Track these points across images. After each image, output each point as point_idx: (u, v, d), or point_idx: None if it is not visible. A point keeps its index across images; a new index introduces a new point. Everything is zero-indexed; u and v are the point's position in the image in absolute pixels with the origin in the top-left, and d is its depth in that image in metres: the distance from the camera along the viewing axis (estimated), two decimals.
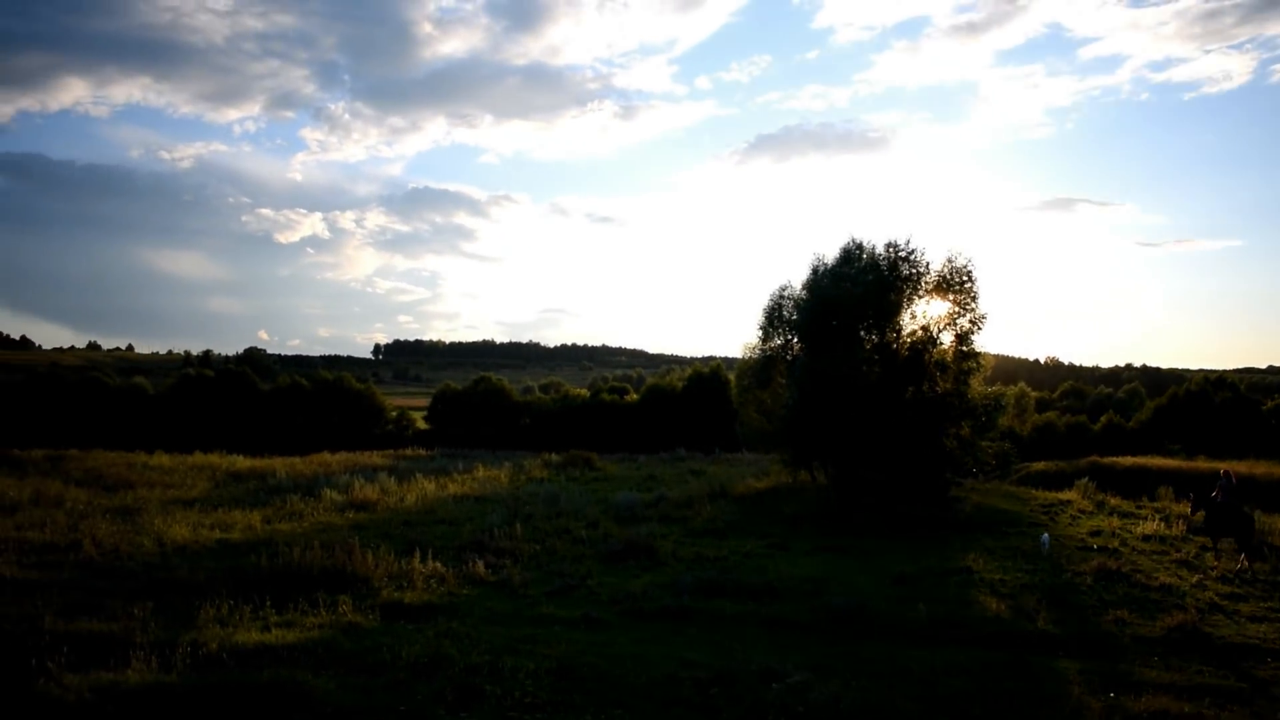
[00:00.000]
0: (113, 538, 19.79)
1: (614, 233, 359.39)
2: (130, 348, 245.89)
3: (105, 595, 14.91)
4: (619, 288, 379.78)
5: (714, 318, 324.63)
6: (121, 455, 39.03)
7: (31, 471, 32.83)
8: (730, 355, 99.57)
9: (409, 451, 49.95)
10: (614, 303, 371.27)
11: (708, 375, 61.93)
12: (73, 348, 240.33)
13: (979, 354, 28.27)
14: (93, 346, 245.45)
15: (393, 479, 31.99)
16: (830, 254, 30.42)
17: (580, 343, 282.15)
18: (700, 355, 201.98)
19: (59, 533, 20.23)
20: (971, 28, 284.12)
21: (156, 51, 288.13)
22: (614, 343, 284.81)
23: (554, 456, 42.51)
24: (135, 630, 12.44)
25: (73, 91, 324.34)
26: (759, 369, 33.01)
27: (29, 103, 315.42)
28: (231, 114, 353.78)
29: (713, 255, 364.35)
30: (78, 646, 11.64)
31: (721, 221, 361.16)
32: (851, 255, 29.80)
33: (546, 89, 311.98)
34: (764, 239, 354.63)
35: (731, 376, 52.56)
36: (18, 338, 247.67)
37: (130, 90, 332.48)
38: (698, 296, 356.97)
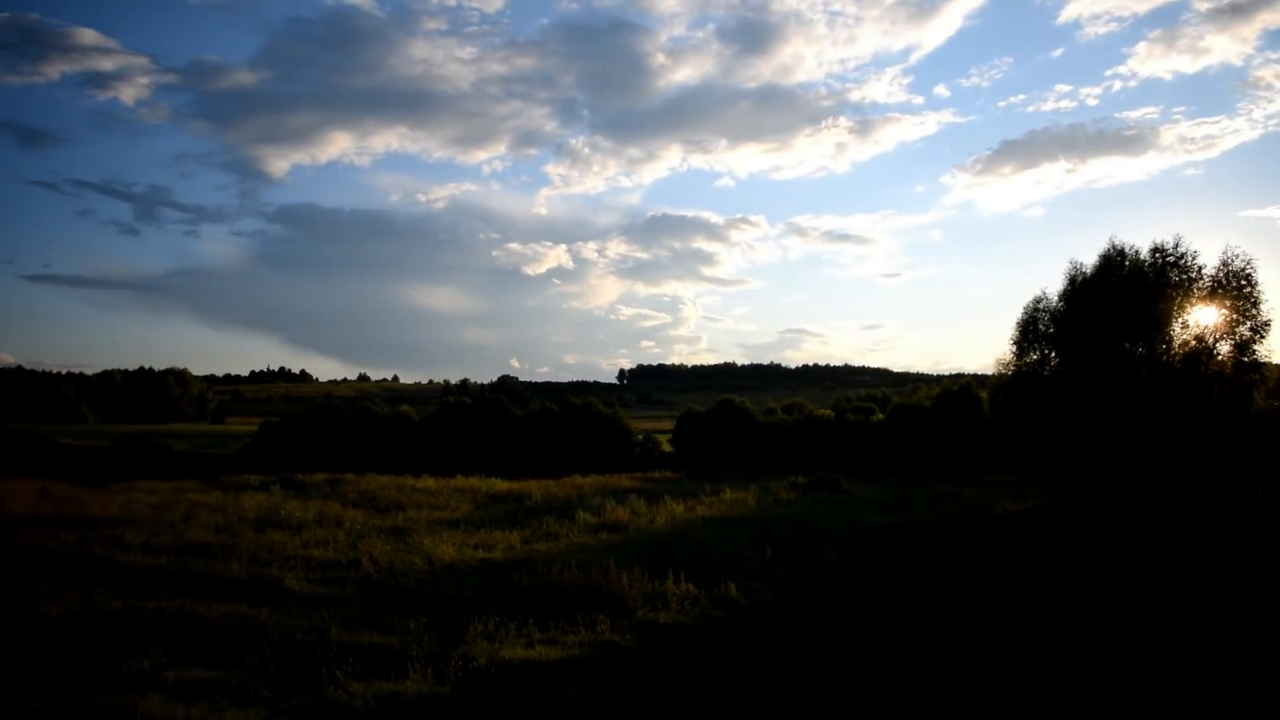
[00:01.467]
0: (387, 556, 21.10)
1: (853, 250, 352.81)
2: (396, 378, 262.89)
3: (383, 610, 15.90)
4: (861, 306, 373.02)
5: (962, 333, 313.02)
6: (391, 478, 41.55)
7: (314, 494, 35.50)
8: (981, 372, 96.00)
9: (656, 474, 50.72)
10: (856, 321, 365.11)
11: (957, 393, 59.77)
12: (345, 379, 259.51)
13: (1264, 365, 25.99)
14: (363, 378, 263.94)
15: (642, 500, 32.57)
16: (1088, 261, 28.85)
17: (822, 363, 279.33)
18: (948, 373, 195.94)
19: (340, 551, 21.75)
20: (1236, 9, 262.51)
21: (411, 102, 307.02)
22: (857, 362, 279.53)
23: (800, 478, 42.14)
24: (411, 643, 13.19)
25: (339, 144, 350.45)
26: (1013, 386, 31.61)
27: (301, 157, 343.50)
28: (480, 155, 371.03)
29: (957, 268, 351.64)
30: (361, 657, 12.48)
31: (965, 233, 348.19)
32: (1112, 262, 28.14)
33: (779, 110, 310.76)
34: (1013, 249, 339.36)
35: (984, 394, 50.64)
36: (298, 371, 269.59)
37: (389, 139, 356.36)
38: (943, 312, 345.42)
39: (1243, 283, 26.08)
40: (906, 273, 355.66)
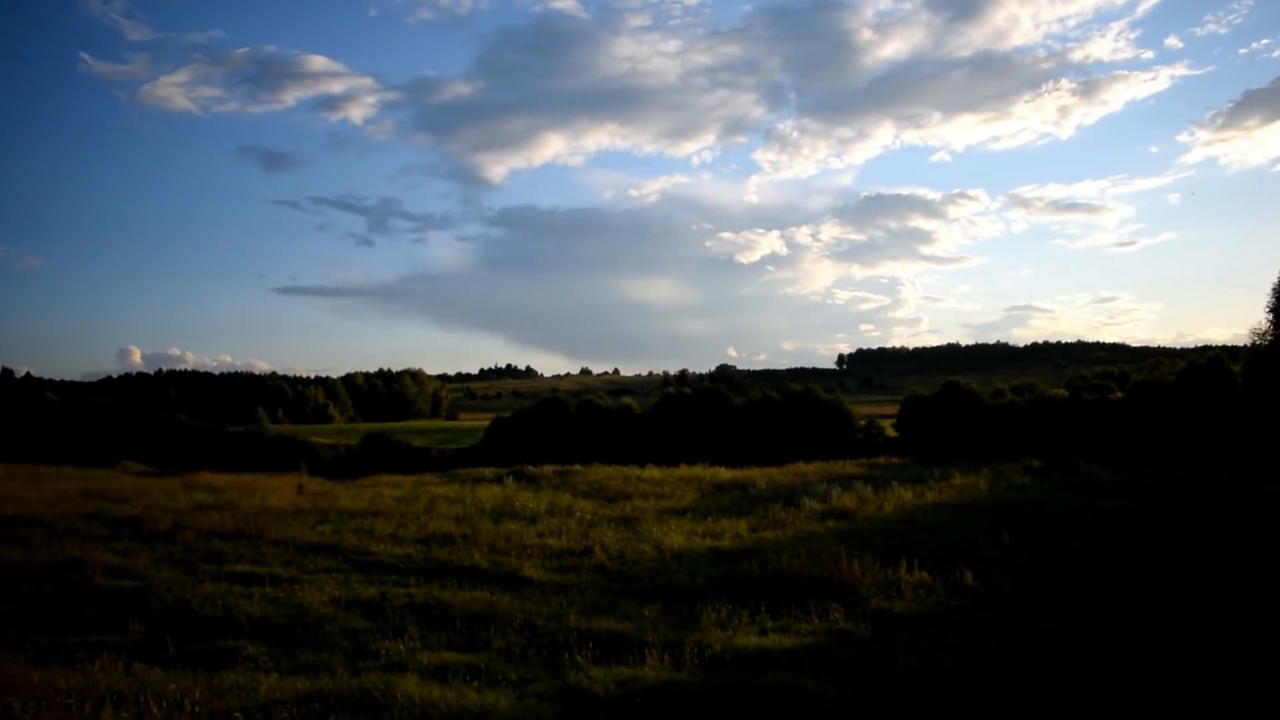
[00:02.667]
0: (618, 544, 21.59)
1: (1082, 219, 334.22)
2: (617, 371, 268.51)
3: (617, 597, 16.29)
4: (1092, 278, 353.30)
5: (1206, 303, 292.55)
6: (617, 469, 42.48)
7: (545, 485, 36.74)
8: (1232, 343, 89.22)
9: (881, 459, 49.84)
10: (1088, 295, 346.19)
11: (1205, 366, 55.71)
12: (569, 374, 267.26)
13: None
14: (585, 372, 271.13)
15: (868, 487, 32.05)
16: None
17: (1052, 340, 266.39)
18: (1192, 345, 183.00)
19: (573, 540, 22.42)
20: None
21: (619, 100, 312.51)
22: (1090, 338, 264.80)
23: (1034, 461, 40.44)
24: (646, 630, 13.44)
25: (552, 146, 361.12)
26: (1271, 356, 29.27)
27: (517, 161, 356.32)
28: (689, 146, 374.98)
29: (1199, 232, 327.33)
30: (599, 643, 12.82)
31: (1208, 193, 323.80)
32: None
33: (995, 77, 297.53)
34: (1262, 208, 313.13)
35: (1236, 367, 47.19)
36: (524, 368, 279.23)
37: (599, 138, 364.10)
38: (1185, 280, 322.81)
39: None
40: (1142, 240, 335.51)
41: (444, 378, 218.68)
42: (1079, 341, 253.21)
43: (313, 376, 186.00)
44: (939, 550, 20.12)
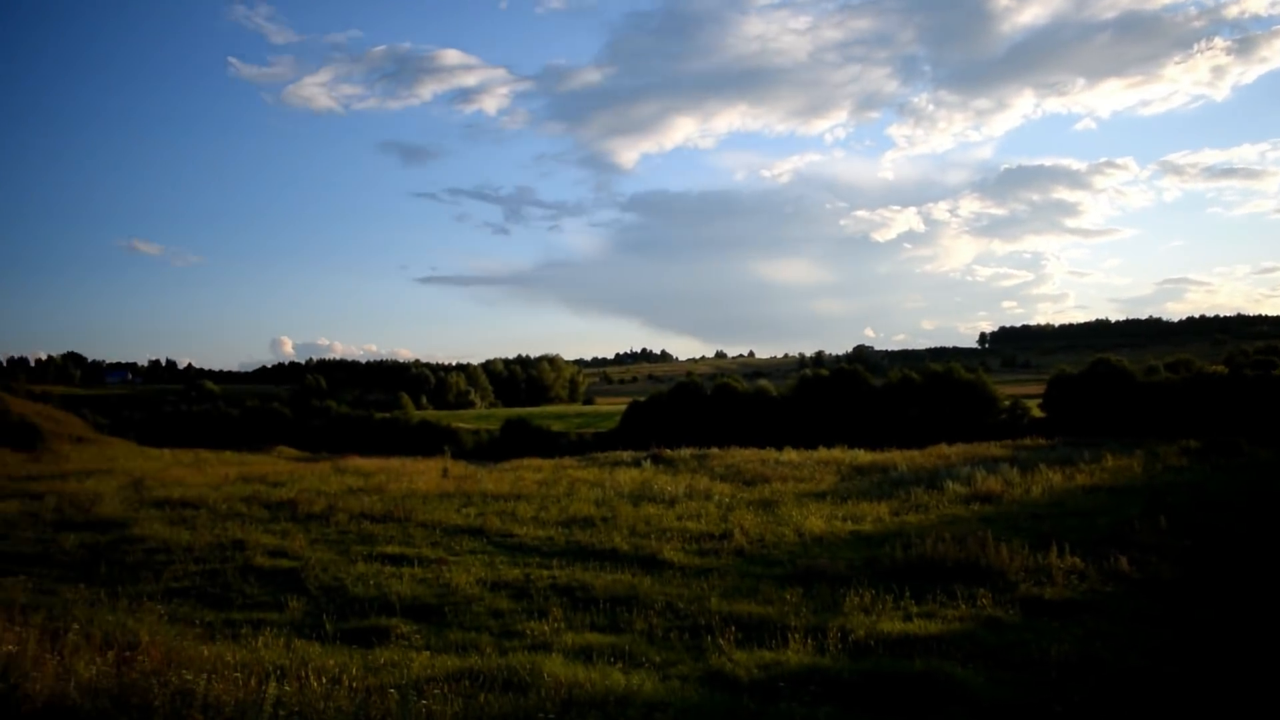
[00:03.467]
0: (758, 528, 21.50)
1: (1241, 186, 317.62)
2: (752, 354, 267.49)
3: (758, 580, 16.24)
4: (1253, 248, 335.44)
5: None
6: (754, 452, 42.31)
7: (682, 468, 36.85)
8: None
9: (1027, 441, 48.28)
10: (1248, 266, 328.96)
11: None
12: (704, 357, 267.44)
13: None
14: (720, 355, 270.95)
15: (1014, 469, 31.14)
16: None
17: (1209, 314, 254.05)
18: None
19: (712, 523, 22.43)
20: None
21: (749, 80, 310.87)
22: (1251, 311, 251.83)
23: (1192, 442, 38.64)
24: (789, 614, 13.37)
25: (683, 130, 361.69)
26: None
27: (648, 146, 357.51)
28: (821, 124, 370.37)
29: None
30: (740, 626, 12.81)
31: None
32: None
33: (1142, 38, 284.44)
34: None
35: None
36: (659, 352, 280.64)
37: (730, 119, 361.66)
38: None
39: None
40: None
41: (580, 363, 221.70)
42: (1239, 315, 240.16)
43: (454, 364, 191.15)
44: (1091, 535, 19.42)
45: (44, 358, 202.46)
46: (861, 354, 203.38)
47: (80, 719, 5.12)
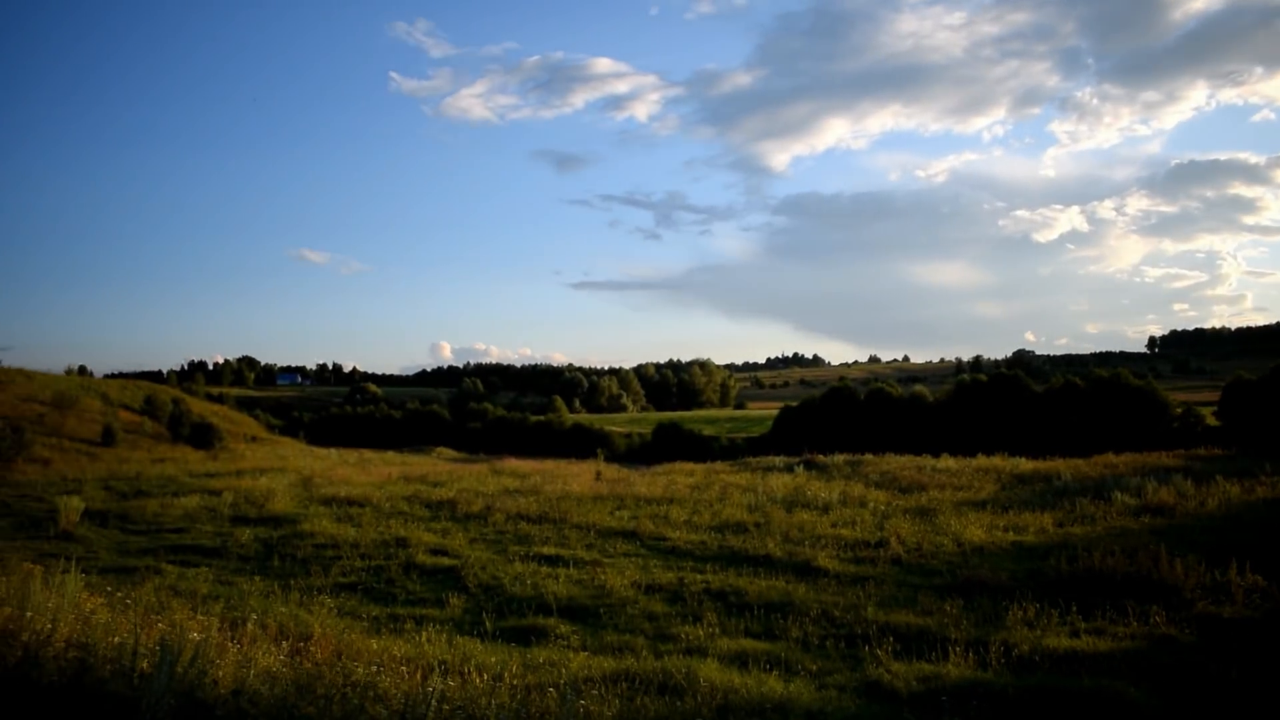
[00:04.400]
0: (915, 536, 21.05)
1: None
2: (906, 358, 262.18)
3: (915, 590, 15.90)
4: None
5: None
6: (910, 459, 41.43)
7: (835, 475, 36.36)
8: None
9: (1201, 451, 45.82)
10: None
11: None
12: (856, 362, 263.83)
13: None
14: (873, 359, 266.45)
15: (1188, 481, 29.58)
16: None
17: None
18: None
19: (867, 531, 22.09)
20: None
21: (903, 78, 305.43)
22: None
23: None
24: (948, 626, 13.06)
25: (835, 131, 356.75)
26: None
27: (800, 148, 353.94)
28: (978, 122, 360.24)
29: None
30: (898, 637, 12.58)
31: None
32: None
33: None
34: None
35: None
36: (810, 356, 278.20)
37: (883, 120, 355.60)
38: None
39: None
40: None
41: (731, 367, 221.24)
42: None
43: (606, 368, 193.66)
44: (1275, 552, 18.31)
45: (221, 361, 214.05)
46: (1022, 359, 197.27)
47: (261, 704, 5.38)
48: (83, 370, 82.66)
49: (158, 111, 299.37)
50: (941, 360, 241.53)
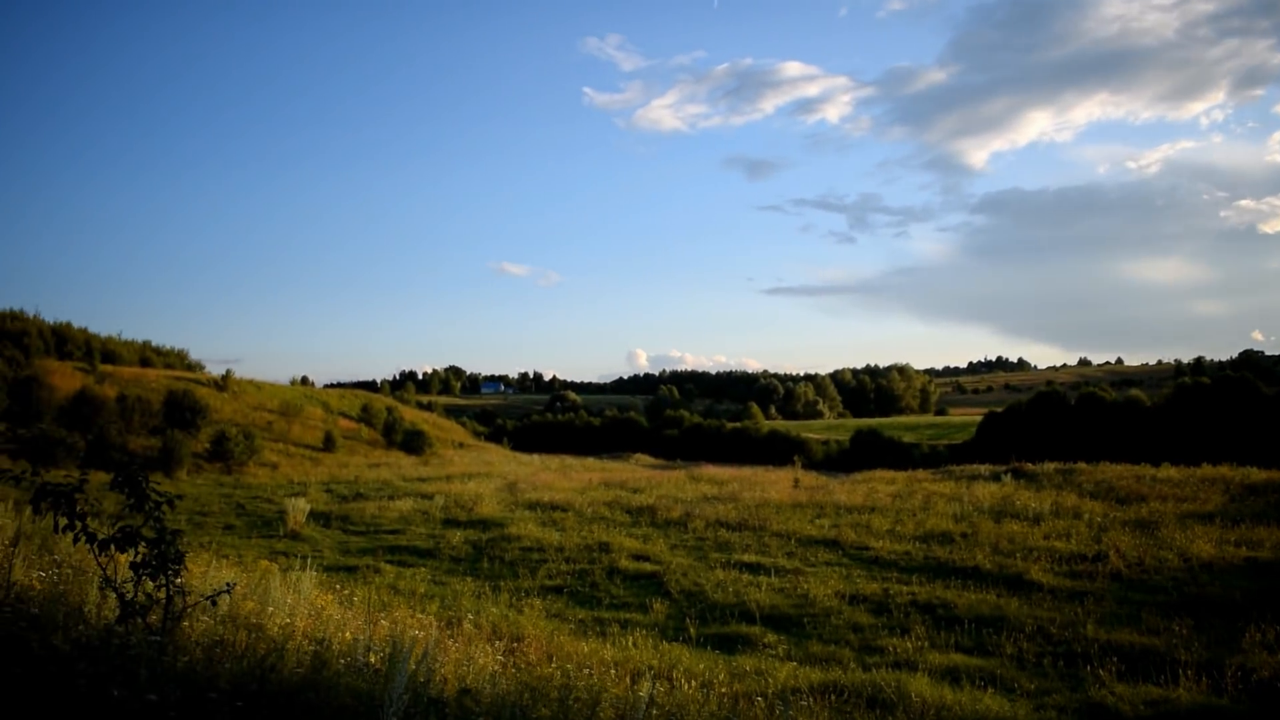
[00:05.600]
0: (1135, 550, 19.91)
1: None
2: (1119, 360, 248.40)
3: (1138, 608, 15.06)
4: None
5: None
6: (1127, 467, 39.23)
7: (1045, 484, 34.83)
8: None
9: None
10: None
11: None
12: (1064, 365, 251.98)
13: None
14: (1083, 362, 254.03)
15: None
16: None
17: None
18: None
19: (1083, 543, 21.05)
20: None
21: (1109, 65, 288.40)
22: None
23: None
24: (1177, 647, 12.33)
25: (1036, 124, 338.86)
26: None
27: (999, 144, 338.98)
28: (1195, 107, 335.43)
29: None
30: (1121, 657, 11.94)
31: None
32: None
33: None
34: None
35: None
36: (1015, 359, 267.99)
37: (1089, 109, 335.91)
38: None
39: None
40: None
41: (930, 372, 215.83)
42: None
43: (801, 374, 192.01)
44: None
45: (429, 371, 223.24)
46: (1249, 359, 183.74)
47: (483, 704, 5.58)
48: (305, 380, 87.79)
49: (369, 140, 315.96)
50: (1159, 362, 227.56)
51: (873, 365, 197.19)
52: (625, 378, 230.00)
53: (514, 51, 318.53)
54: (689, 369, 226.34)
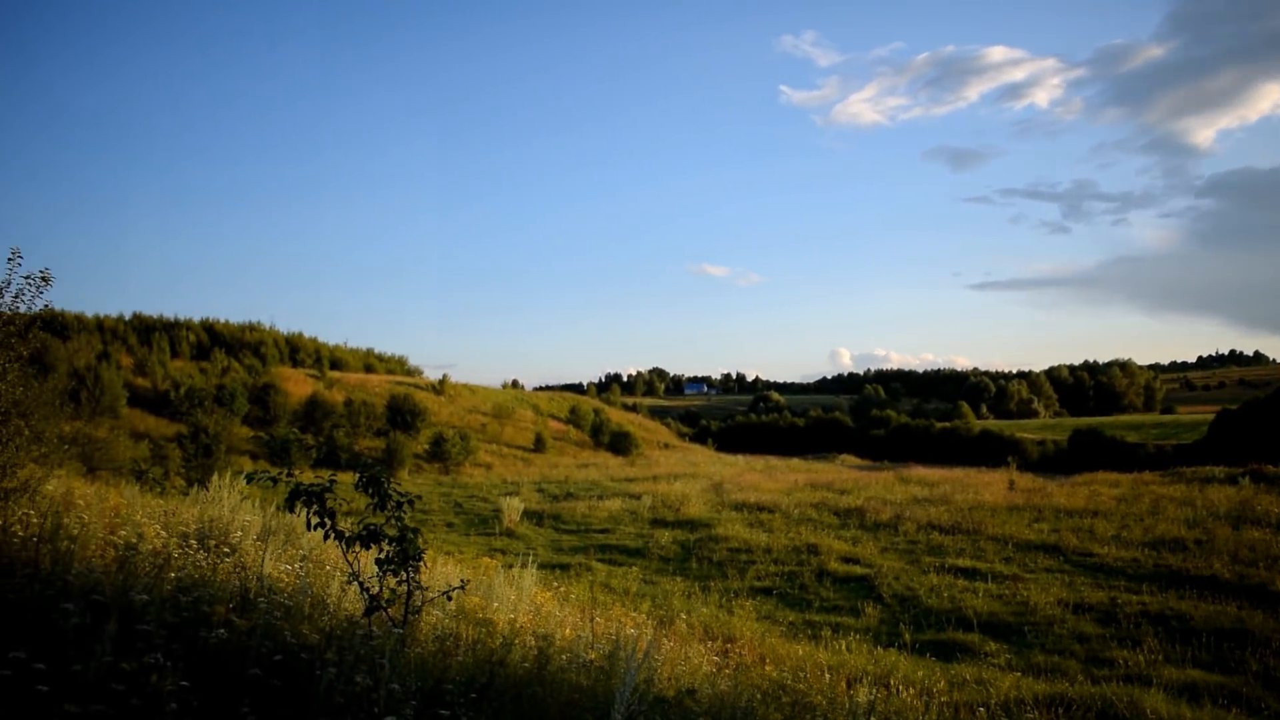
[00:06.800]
0: None
1: None
2: None
3: None
4: None
5: None
6: None
7: None
8: None
9: None
10: None
11: None
12: None
13: None
14: None
15: None
16: None
17: None
18: None
19: None
20: None
21: None
22: None
23: None
24: None
25: (1270, 97, 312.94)
26: None
27: (1226, 121, 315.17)
28: None
29: None
30: None
31: None
32: None
33: None
34: None
35: None
36: (1251, 353, 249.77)
37: None
38: None
39: None
40: None
41: (1156, 368, 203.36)
42: None
43: (1013, 371, 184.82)
44: None
45: (634, 373, 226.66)
46: None
47: (701, 702, 5.63)
48: (515, 384, 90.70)
49: (571, 147, 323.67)
50: None
51: (1091, 361, 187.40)
52: (829, 377, 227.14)
53: (710, 52, 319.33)
54: (894, 367, 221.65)
